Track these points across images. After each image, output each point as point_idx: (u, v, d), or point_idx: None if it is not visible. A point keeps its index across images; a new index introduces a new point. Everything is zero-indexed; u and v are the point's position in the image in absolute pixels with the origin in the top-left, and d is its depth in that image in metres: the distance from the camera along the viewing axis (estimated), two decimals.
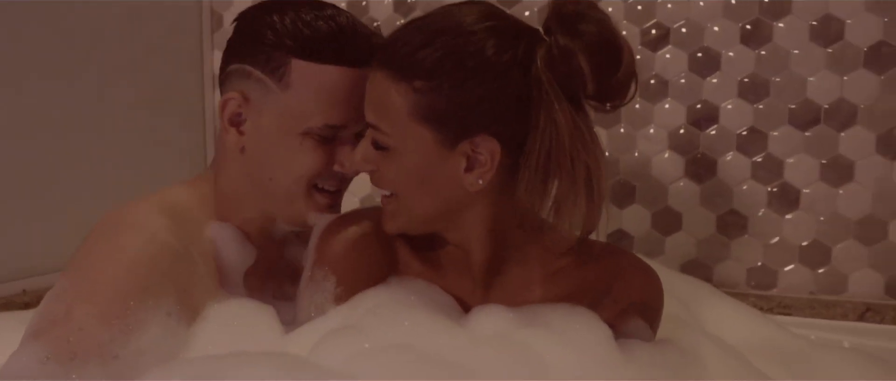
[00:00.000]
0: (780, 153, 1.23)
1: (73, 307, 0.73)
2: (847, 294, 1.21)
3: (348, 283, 0.84)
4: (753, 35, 1.23)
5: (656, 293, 0.85)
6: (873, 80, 1.17)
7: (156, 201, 0.86)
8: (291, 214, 0.89)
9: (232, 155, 0.88)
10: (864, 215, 1.19)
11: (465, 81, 0.75)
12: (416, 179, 0.80)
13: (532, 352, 0.71)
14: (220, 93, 0.89)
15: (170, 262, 0.79)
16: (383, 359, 0.66)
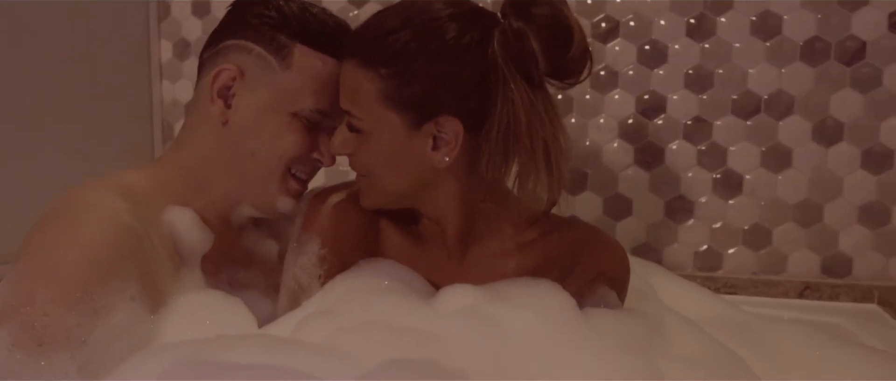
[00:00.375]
0: (724, 142, 1.28)
1: (35, 292, 0.70)
2: (787, 274, 1.27)
3: (333, 246, 0.87)
4: (698, 29, 1.28)
5: (623, 264, 0.90)
6: (809, 72, 1.24)
7: (111, 184, 0.84)
8: (262, 195, 0.90)
9: (209, 129, 0.88)
10: (801, 199, 1.26)
11: (427, 66, 0.80)
12: (387, 159, 0.84)
13: (500, 324, 0.73)
14: (203, 69, 0.90)
15: (131, 245, 0.77)
16: (360, 335, 0.67)
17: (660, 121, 1.31)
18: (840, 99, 1.22)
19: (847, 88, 1.22)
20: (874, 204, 1.23)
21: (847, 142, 1.23)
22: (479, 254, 0.90)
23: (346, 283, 0.79)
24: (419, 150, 0.82)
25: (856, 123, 1.22)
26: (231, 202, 0.91)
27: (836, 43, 1.22)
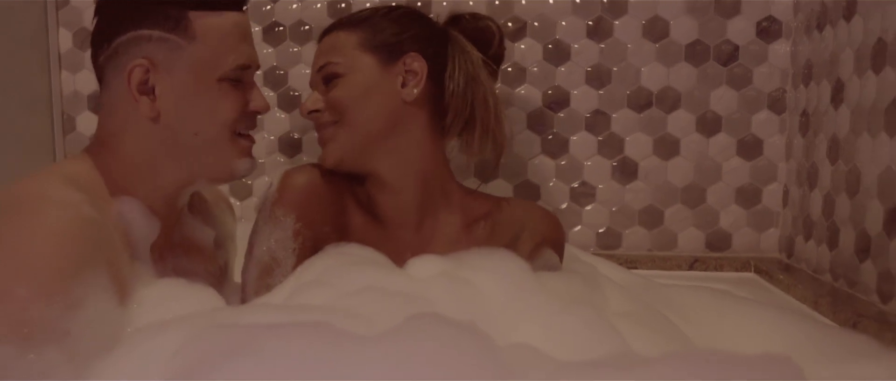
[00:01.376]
0: (621, 132, 1.42)
1: (10, 288, 0.68)
2: (677, 249, 1.42)
3: (307, 221, 0.94)
4: (596, 30, 1.41)
5: (560, 229, 1.03)
6: (692, 71, 1.39)
7: (60, 176, 0.81)
8: (218, 165, 0.89)
9: (141, 126, 0.85)
10: (687, 183, 1.41)
11: (395, 21, 0.98)
12: (362, 95, 0.95)
13: (472, 285, 0.80)
14: (105, 72, 0.86)
15: (96, 236, 0.75)
16: (362, 298, 0.71)
17: (563, 114, 1.43)
18: (718, 95, 1.39)
19: (724, 86, 1.39)
20: (747, 187, 1.40)
21: (725, 132, 1.39)
22: (435, 229, 0.99)
23: (321, 262, 0.83)
24: (390, 86, 0.96)
25: (731, 116, 1.39)
26: (179, 186, 0.89)
27: (714, 46, 1.38)
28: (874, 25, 1.04)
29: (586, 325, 0.76)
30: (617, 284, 0.98)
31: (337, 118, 0.95)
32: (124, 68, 0.83)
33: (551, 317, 0.78)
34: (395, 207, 0.99)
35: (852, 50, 1.11)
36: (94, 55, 0.87)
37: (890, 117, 0.98)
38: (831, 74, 1.18)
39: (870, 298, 1.03)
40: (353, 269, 0.80)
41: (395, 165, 0.98)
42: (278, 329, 0.55)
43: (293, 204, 0.94)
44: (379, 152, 0.96)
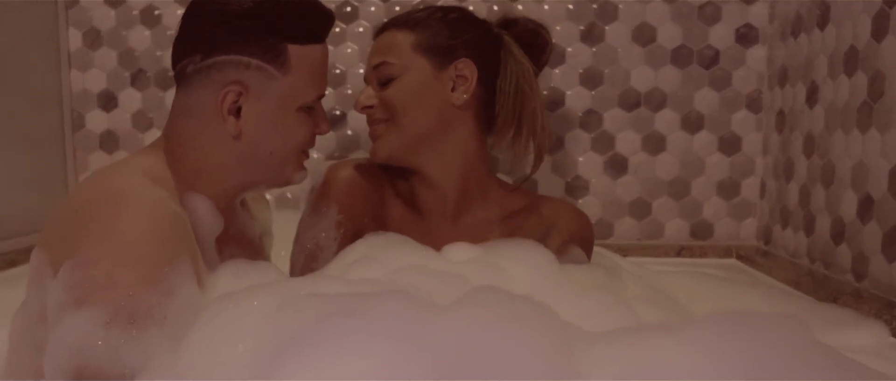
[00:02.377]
0: (612, 130, 1.52)
1: (113, 274, 0.71)
2: (664, 238, 1.54)
3: (348, 213, 1.01)
4: (589, 35, 1.51)
5: (589, 229, 1.10)
6: (677, 73, 1.50)
7: (141, 172, 0.85)
8: (280, 176, 0.94)
9: (221, 140, 0.89)
10: (673, 177, 1.52)
11: (449, 26, 1.04)
12: (415, 95, 1.02)
13: (500, 268, 0.89)
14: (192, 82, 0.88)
15: (182, 228, 0.80)
16: (411, 274, 0.80)
17: (559, 112, 1.53)
18: (701, 95, 1.50)
19: (706, 87, 1.50)
20: (728, 180, 1.52)
21: (707, 130, 1.51)
22: (470, 222, 1.07)
23: (364, 245, 0.91)
24: (441, 89, 1.02)
25: (713, 114, 1.51)
26: (244, 188, 0.95)
27: (697, 50, 1.50)
28: (846, 33, 1.16)
29: (606, 307, 0.86)
30: (632, 273, 1.08)
31: (388, 117, 1.01)
32: (218, 86, 0.87)
33: (575, 299, 0.87)
34: (436, 200, 1.07)
35: (826, 55, 1.23)
36: (180, 59, 0.89)
37: (862, 116, 1.10)
38: (806, 77, 1.30)
39: (845, 277, 1.15)
40: (398, 250, 0.88)
41: (439, 164, 1.04)
42: (371, 296, 0.63)
43: (335, 197, 1.02)
44: (425, 151, 1.03)
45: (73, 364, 0.66)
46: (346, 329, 0.57)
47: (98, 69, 1.61)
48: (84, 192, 0.82)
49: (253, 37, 0.88)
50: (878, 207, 1.05)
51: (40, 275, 0.78)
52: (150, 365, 0.67)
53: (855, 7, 1.13)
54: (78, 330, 0.67)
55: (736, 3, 1.47)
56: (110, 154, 1.62)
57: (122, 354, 0.67)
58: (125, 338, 0.68)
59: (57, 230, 0.79)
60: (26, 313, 0.81)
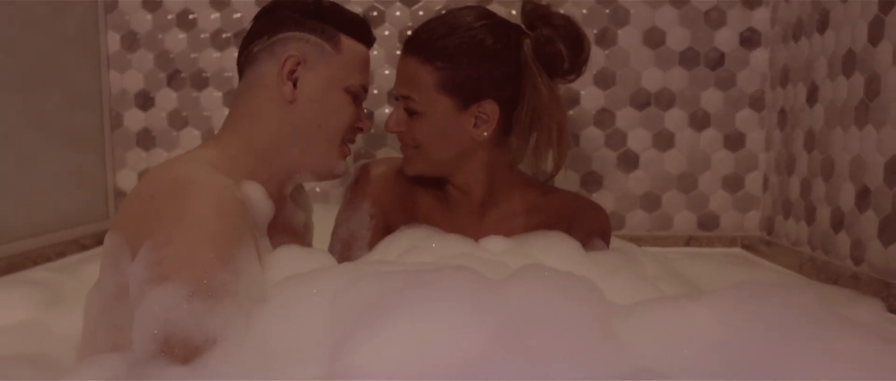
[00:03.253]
0: (624, 127, 1.62)
1: (192, 254, 0.78)
2: (673, 229, 1.63)
3: (380, 207, 1.08)
4: (603, 39, 1.60)
5: (607, 221, 1.18)
6: (685, 74, 1.59)
7: (205, 162, 0.94)
8: (324, 161, 1.04)
9: (277, 107, 1.00)
10: (682, 172, 1.62)
11: (474, 63, 1.04)
12: (438, 133, 1.06)
13: (532, 256, 0.99)
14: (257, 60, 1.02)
15: (245, 213, 0.88)
16: (457, 260, 0.89)
17: (573, 112, 1.62)
18: (707, 95, 1.59)
19: (712, 87, 1.59)
20: (732, 175, 1.61)
21: (713, 128, 1.60)
22: (495, 216, 1.15)
23: (408, 236, 1.00)
24: (464, 127, 1.06)
25: (718, 113, 1.60)
26: (291, 174, 1.04)
27: (704, 53, 1.59)
28: (845, 38, 1.25)
29: (632, 284, 0.95)
30: (647, 255, 1.17)
31: (416, 146, 1.07)
32: (279, 57, 1.00)
33: (603, 278, 0.96)
34: (463, 198, 1.14)
35: (826, 57, 1.32)
36: (247, 47, 1.03)
37: (860, 114, 1.20)
38: (807, 78, 1.40)
39: (844, 263, 1.24)
40: (440, 240, 0.97)
41: (464, 175, 1.11)
42: (435, 271, 0.72)
43: (368, 192, 1.10)
44: (451, 169, 1.10)
45: (162, 333, 0.73)
46: (417, 299, 0.66)
47: (135, 70, 1.69)
48: (156, 181, 0.90)
49: (312, 22, 1.02)
50: (875, 196, 1.15)
51: (116, 257, 0.87)
52: (227, 334, 0.75)
53: (852, 13, 1.22)
54: (164, 303, 0.74)
55: (740, 7, 1.57)
56: (147, 151, 1.71)
57: (204, 323, 0.74)
58: (205, 309, 0.75)
59: (132, 216, 0.87)
60: (102, 292, 0.89)
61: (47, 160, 1.50)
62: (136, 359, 0.77)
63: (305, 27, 1.02)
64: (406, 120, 1.07)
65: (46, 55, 1.48)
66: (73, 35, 1.59)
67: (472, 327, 0.62)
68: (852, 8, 1.22)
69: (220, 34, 1.66)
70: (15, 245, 1.37)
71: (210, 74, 1.67)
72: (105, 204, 1.71)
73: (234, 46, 1.66)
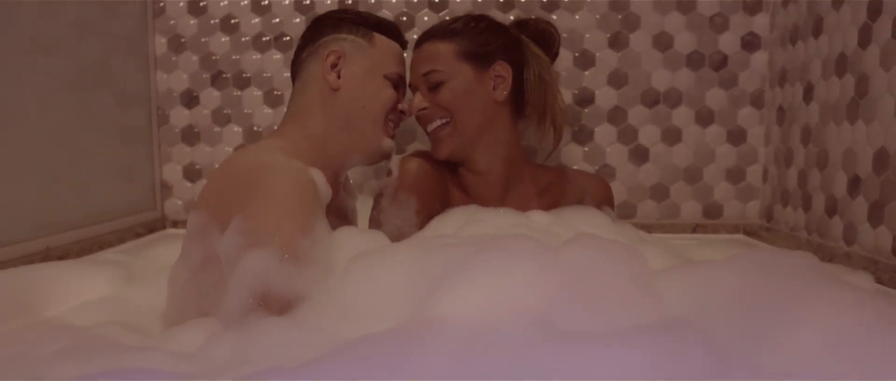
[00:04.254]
0: (635, 124, 1.75)
1: (280, 225, 0.91)
2: (680, 218, 1.77)
3: (423, 199, 1.22)
4: (616, 42, 1.74)
5: (610, 191, 1.38)
6: (691, 75, 1.73)
7: (279, 150, 1.08)
8: (371, 140, 1.19)
9: (324, 99, 1.16)
10: (688, 165, 1.76)
11: (481, 34, 1.26)
12: (464, 96, 1.23)
13: (573, 223, 1.13)
14: (305, 63, 1.21)
15: (317, 192, 1.01)
16: (514, 230, 1.02)
17: (589, 109, 1.76)
18: (712, 94, 1.73)
19: (716, 87, 1.73)
20: (735, 167, 1.75)
21: (717, 124, 1.74)
22: (513, 199, 1.30)
23: (460, 215, 1.14)
24: (484, 89, 1.25)
25: (722, 111, 1.74)
26: (344, 158, 1.19)
27: (708, 55, 1.73)
28: (837, 42, 1.39)
29: (662, 251, 1.09)
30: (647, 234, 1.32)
31: (446, 117, 1.22)
32: (322, 56, 1.17)
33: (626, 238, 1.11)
34: (484, 185, 1.29)
35: (820, 60, 1.46)
36: (298, 54, 1.22)
37: (851, 111, 1.34)
38: (803, 78, 1.54)
39: (838, 244, 1.38)
40: (492, 214, 1.11)
41: (486, 155, 1.27)
42: (501, 238, 0.85)
43: (412, 187, 1.23)
44: (476, 146, 1.26)
45: (259, 289, 0.87)
46: (491, 259, 0.79)
47: (181, 71, 1.82)
48: (238, 166, 1.04)
49: (348, 24, 1.21)
50: (865, 184, 1.29)
51: (203, 232, 1.00)
52: (312, 293, 0.89)
53: (844, 20, 1.36)
54: (259, 265, 0.88)
55: (741, 14, 1.71)
56: (191, 147, 1.84)
57: (294, 282, 0.88)
58: (294, 270, 0.89)
59: (218, 196, 1.01)
60: (188, 264, 1.03)
61: (99, 155, 1.61)
62: (228, 318, 0.89)
63: (342, 29, 1.20)
64: (429, 98, 1.23)
65: (99, 57, 1.60)
66: (123, 38, 1.71)
67: (540, 281, 0.75)
68: (844, 15, 1.37)
69: (261, 37, 1.79)
70: (86, 230, 1.50)
71: (251, 75, 1.80)
72: (152, 196, 1.83)
73: (274, 49, 1.79)
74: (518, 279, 0.76)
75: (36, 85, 1.37)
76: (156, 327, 1.09)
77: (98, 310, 1.10)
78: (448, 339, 0.69)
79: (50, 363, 0.80)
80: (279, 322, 0.84)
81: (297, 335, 0.78)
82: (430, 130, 1.27)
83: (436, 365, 0.66)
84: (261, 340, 0.77)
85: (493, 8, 1.72)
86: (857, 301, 0.72)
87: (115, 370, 0.69)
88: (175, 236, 1.74)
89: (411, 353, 0.68)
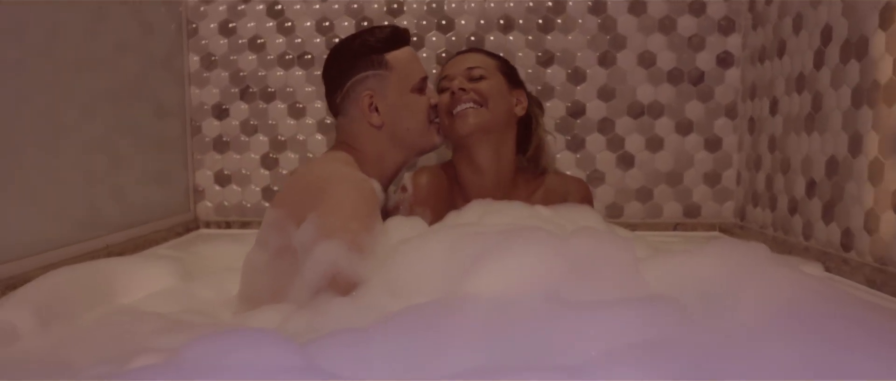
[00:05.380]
0: (622, 133, 1.96)
1: (347, 223, 1.11)
2: (663, 217, 1.97)
3: (435, 210, 1.41)
4: (604, 60, 1.94)
5: (590, 191, 1.60)
6: (672, 89, 1.94)
7: (345, 163, 1.29)
8: (425, 142, 1.40)
9: (372, 133, 1.35)
10: (670, 170, 1.96)
11: (512, 68, 1.53)
12: (499, 93, 1.47)
13: (572, 218, 1.33)
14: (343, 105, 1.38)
15: (376, 198, 1.22)
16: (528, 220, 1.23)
17: (580, 120, 1.96)
18: (691, 106, 1.94)
19: (694, 100, 1.94)
20: (711, 172, 1.96)
21: (695, 133, 1.95)
22: (508, 198, 1.50)
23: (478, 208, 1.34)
24: (509, 100, 1.50)
25: (700, 121, 1.94)
26: (400, 166, 1.40)
27: (687, 71, 1.93)
28: (798, 63, 1.60)
29: (645, 243, 1.30)
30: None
31: (481, 102, 1.44)
32: (359, 100, 1.34)
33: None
34: (483, 187, 1.49)
35: (783, 78, 1.67)
36: (331, 95, 1.39)
37: (808, 123, 1.54)
38: (769, 93, 1.75)
39: (798, 239, 1.59)
40: (506, 207, 1.31)
41: (491, 152, 1.48)
42: (519, 229, 1.05)
43: (427, 200, 1.42)
44: (488, 138, 1.46)
45: (330, 272, 1.07)
46: (509, 246, 1.00)
47: (212, 86, 2.01)
48: (310, 174, 1.27)
49: (363, 61, 1.36)
50: (819, 187, 1.50)
51: (280, 225, 1.20)
52: (371, 277, 1.08)
53: (802, 44, 1.57)
54: (331, 253, 1.08)
55: (717, 34, 1.92)
56: (221, 154, 2.02)
57: (358, 269, 1.08)
58: (358, 259, 1.09)
59: (294, 197, 1.21)
60: (264, 252, 1.22)
61: (138, 162, 1.77)
62: (300, 299, 1.09)
63: (359, 68, 1.36)
64: (469, 86, 1.45)
65: (138, 74, 1.76)
66: (160, 57, 1.88)
67: (551, 264, 0.95)
68: (802, 39, 1.58)
69: (285, 56, 1.98)
70: (136, 230, 1.69)
71: (276, 90, 1.99)
72: (187, 199, 2.02)
73: (297, 66, 1.98)
74: (534, 262, 0.96)
75: (82, 99, 1.53)
76: (225, 315, 1.27)
77: (169, 299, 1.28)
78: (477, 309, 0.89)
79: (151, 336, 0.99)
80: (343, 301, 1.04)
81: (356, 310, 0.98)
82: (459, 110, 1.45)
83: (467, 328, 0.86)
84: (329, 315, 0.97)
85: (495, 29, 1.92)
86: (792, 280, 0.93)
87: (226, 332, 0.87)
88: (208, 235, 1.92)
89: (447, 319, 0.88)
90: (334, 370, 0.72)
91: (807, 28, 1.55)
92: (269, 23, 1.98)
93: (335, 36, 1.95)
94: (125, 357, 0.84)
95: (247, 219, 2.04)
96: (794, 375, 0.72)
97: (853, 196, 1.36)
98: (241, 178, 2.04)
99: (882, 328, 0.81)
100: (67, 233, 1.45)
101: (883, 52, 1.26)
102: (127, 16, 1.69)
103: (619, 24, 1.92)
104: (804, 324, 0.82)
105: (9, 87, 1.28)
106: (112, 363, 0.82)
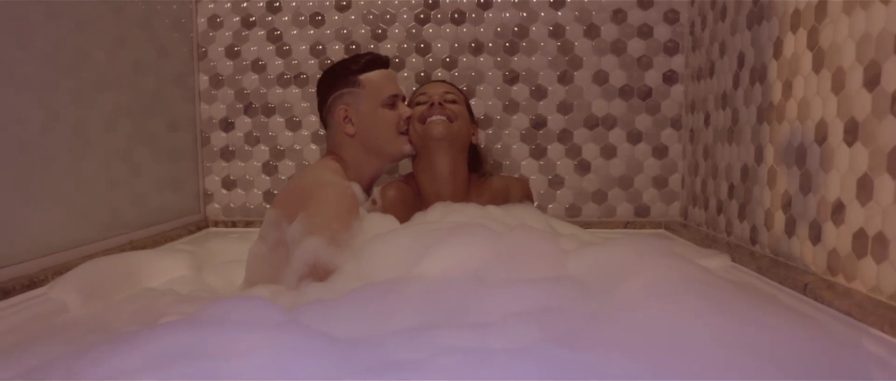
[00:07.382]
0: (579, 142, 2.21)
1: (328, 222, 1.36)
2: (616, 216, 2.23)
3: (400, 217, 1.64)
4: (564, 78, 2.20)
5: (529, 188, 1.85)
6: (623, 104, 2.19)
7: (333, 170, 1.55)
8: (394, 149, 1.65)
9: (349, 142, 1.61)
10: (622, 174, 2.21)
11: (468, 105, 1.73)
12: (464, 118, 1.72)
13: (519, 216, 1.59)
14: (326, 120, 1.68)
15: (356, 201, 1.47)
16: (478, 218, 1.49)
17: (543, 131, 2.22)
18: (640, 119, 2.19)
19: (643, 113, 2.19)
20: (659, 176, 2.21)
21: (644, 142, 2.20)
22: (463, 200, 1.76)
23: (440, 209, 1.60)
24: (469, 127, 1.74)
25: (648, 132, 2.20)
26: (378, 171, 1.65)
27: (637, 88, 2.19)
28: (722, 82, 1.86)
29: (575, 237, 1.55)
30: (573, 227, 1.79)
31: (452, 118, 1.68)
32: (337, 113, 1.61)
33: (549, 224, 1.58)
34: (438, 194, 1.75)
35: (713, 95, 1.93)
36: (320, 109, 1.66)
37: (729, 135, 1.80)
38: (704, 108, 2.00)
39: (722, 235, 1.84)
40: (463, 208, 1.57)
41: (449, 160, 1.71)
42: (465, 226, 1.31)
43: (394, 210, 1.66)
44: (450, 149, 1.70)
45: (312, 261, 1.32)
46: (455, 238, 1.26)
47: (220, 103, 2.27)
48: (302, 180, 1.51)
49: (342, 80, 1.63)
50: (736, 190, 1.75)
51: (277, 222, 1.46)
52: (345, 266, 1.34)
53: (725, 66, 1.83)
54: (313, 246, 1.34)
55: (663, 55, 2.17)
56: (227, 163, 2.29)
57: (334, 259, 1.34)
58: (335, 252, 1.34)
59: (289, 199, 1.46)
60: (264, 244, 1.48)
61: (155, 169, 2.01)
62: (289, 283, 1.36)
63: (337, 87, 1.63)
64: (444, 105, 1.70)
65: (154, 91, 1.98)
66: (173, 76, 2.12)
67: (483, 253, 1.21)
68: (725, 62, 1.83)
69: (283, 76, 2.25)
70: (155, 228, 1.95)
71: (275, 106, 2.26)
72: (197, 202, 2.29)
73: (294, 85, 2.24)
74: (471, 252, 1.23)
75: (105, 114, 1.72)
76: (228, 292, 1.54)
77: (185, 284, 1.54)
78: (420, 285, 1.15)
79: (171, 305, 1.25)
80: (319, 285, 1.30)
81: (328, 290, 1.24)
82: (432, 119, 1.69)
83: (411, 299, 1.12)
84: (308, 293, 1.23)
85: (467, 51, 2.18)
86: (680, 266, 1.19)
87: (232, 298, 1.14)
88: (216, 233, 2.19)
89: (396, 292, 1.14)
90: (310, 324, 0.98)
91: (728, 53, 1.81)
92: (269, 47, 2.24)
93: (327, 59, 2.21)
94: (152, 320, 1.11)
95: (250, 219, 2.29)
96: (644, 334, 0.98)
97: (757, 198, 1.61)
98: (245, 183, 2.30)
99: (721, 301, 1.06)
100: (95, 232, 1.71)
101: (775, 78, 1.52)
102: (144, 41, 1.93)
103: (577, 46, 2.18)
104: (665, 299, 1.07)
105: (42, 104, 1.49)
106: (142, 325, 1.08)
